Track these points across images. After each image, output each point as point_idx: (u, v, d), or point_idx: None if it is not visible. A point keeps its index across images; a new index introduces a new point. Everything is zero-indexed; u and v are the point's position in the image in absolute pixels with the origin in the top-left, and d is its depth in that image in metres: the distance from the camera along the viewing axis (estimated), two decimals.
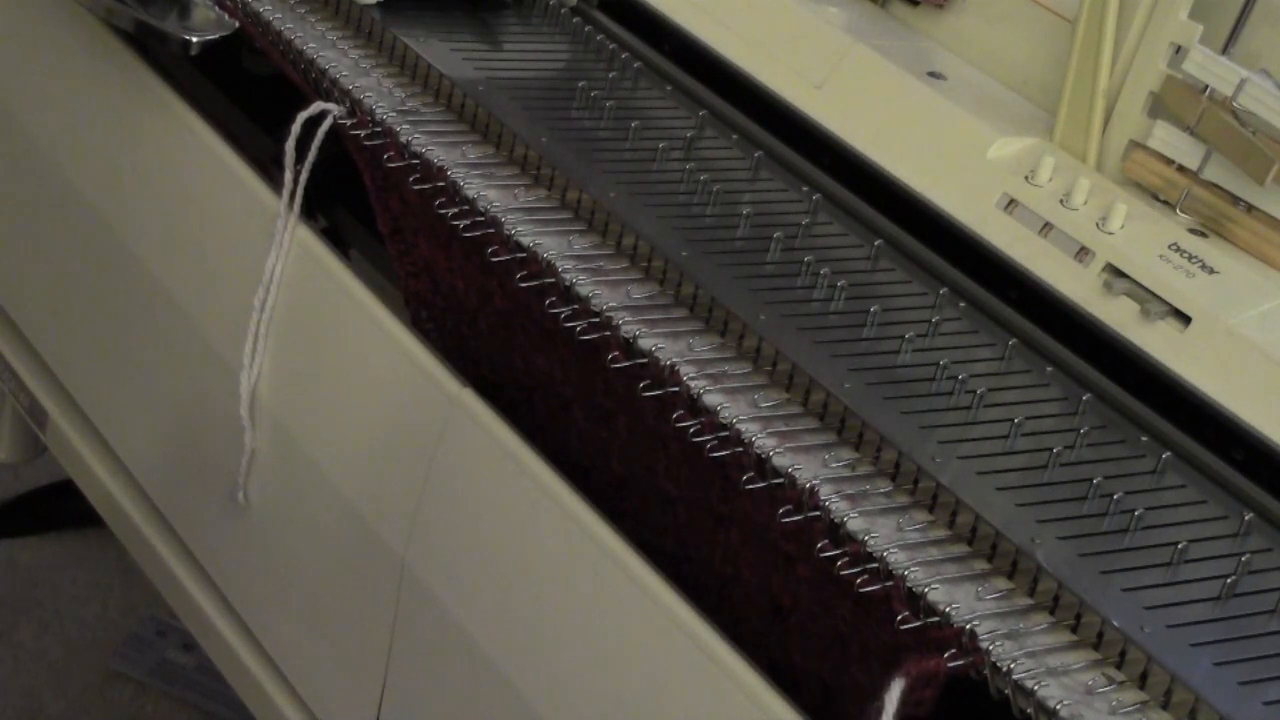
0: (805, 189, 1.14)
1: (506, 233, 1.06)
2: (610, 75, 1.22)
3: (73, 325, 1.49)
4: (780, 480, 0.92)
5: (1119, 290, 1.03)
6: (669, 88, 1.22)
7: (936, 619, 0.85)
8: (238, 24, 1.24)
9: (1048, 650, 0.84)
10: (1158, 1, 1.08)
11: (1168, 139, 1.07)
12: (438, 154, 1.11)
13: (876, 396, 0.96)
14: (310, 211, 1.23)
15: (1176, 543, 0.90)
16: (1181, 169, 1.07)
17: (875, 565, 0.88)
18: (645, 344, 0.99)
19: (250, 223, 1.24)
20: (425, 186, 1.11)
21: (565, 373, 1.10)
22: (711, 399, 0.96)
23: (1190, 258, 1.03)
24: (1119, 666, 0.84)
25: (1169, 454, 0.97)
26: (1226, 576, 0.88)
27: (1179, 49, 1.07)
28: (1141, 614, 0.85)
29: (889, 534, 0.89)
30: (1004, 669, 0.82)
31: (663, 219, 1.08)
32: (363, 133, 1.15)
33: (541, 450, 1.06)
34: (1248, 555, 0.90)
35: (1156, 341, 1.01)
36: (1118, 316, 1.03)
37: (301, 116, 1.17)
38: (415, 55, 1.20)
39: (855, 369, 0.98)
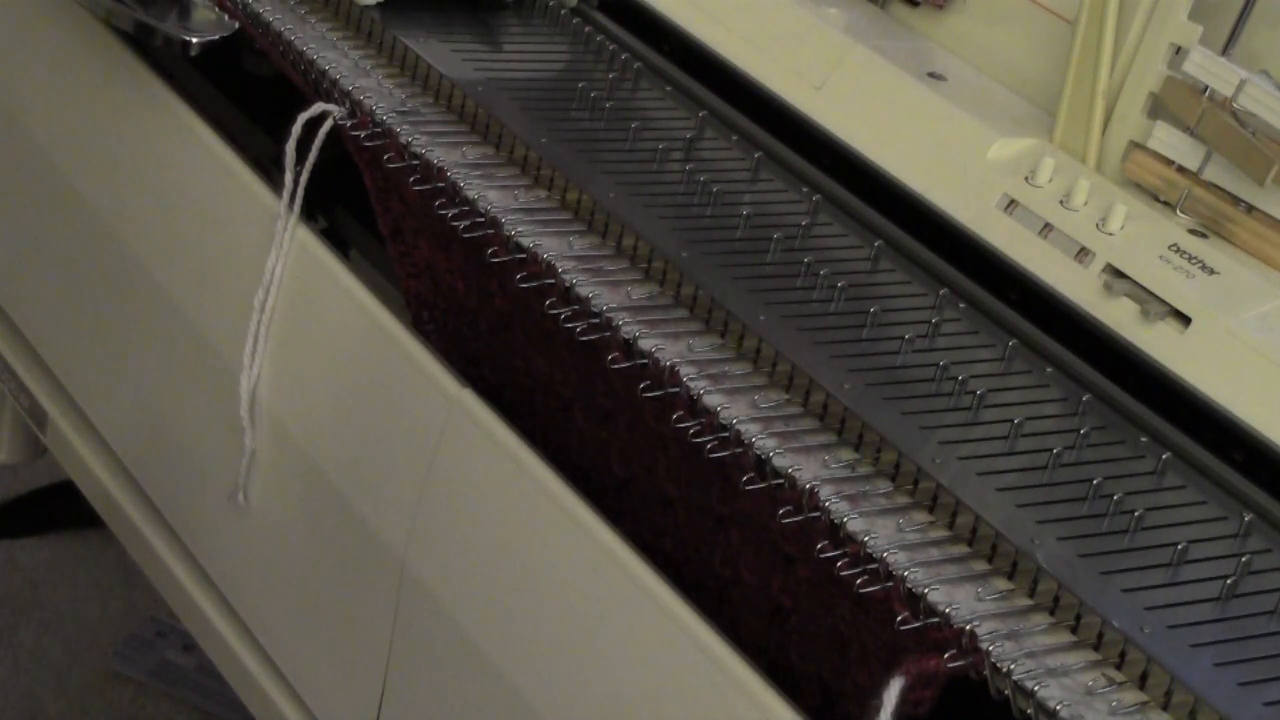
0: (805, 190, 1.14)
1: (506, 233, 1.06)
2: (610, 76, 1.22)
3: (73, 325, 1.49)
4: (780, 481, 0.92)
5: (1119, 291, 1.03)
6: (669, 88, 1.22)
7: (936, 620, 0.85)
8: (238, 24, 1.24)
9: (1048, 651, 0.84)
10: (1158, 2, 1.08)
11: (1168, 139, 1.07)
12: (438, 155, 1.11)
13: (876, 397, 0.96)
14: (310, 212, 1.23)
15: (1176, 543, 0.90)
16: (1181, 169, 1.07)
17: (875, 566, 0.87)
18: (645, 345, 0.99)
19: (250, 223, 1.24)
20: (425, 187, 1.11)
21: (565, 373, 1.10)
22: (711, 400, 0.96)
23: (1190, 258, 1.03)
24: (1119, 667, 0.84)
25: (1169, 454, 0.97)
26: (1227, 577, 0.88)
27: (1179, 49, 1.07)
28: (1142, 614, 0.85)
29: (889, 535, 0.89)
30: (1004, 669, 0.82)
31: (663, 220, 1.08)
32: (363, 133, 1.15)
33: (541, 451, 1.06)
34: (1248, 555, 0.90)
35: (1156, 342, 1.01)
36: (1118, 317, 1.03)
37: (302, 117, 1.17)
38: (415, 56, 1.20)
39: (855, 370, 0.98)
